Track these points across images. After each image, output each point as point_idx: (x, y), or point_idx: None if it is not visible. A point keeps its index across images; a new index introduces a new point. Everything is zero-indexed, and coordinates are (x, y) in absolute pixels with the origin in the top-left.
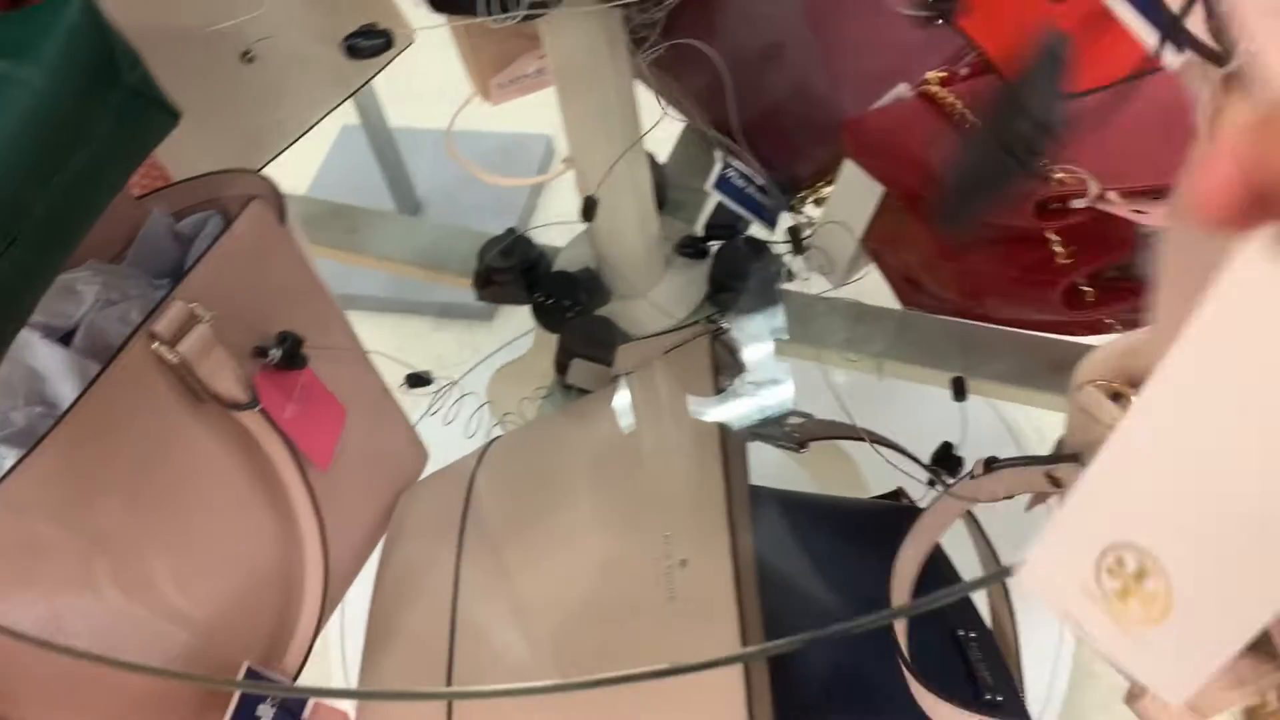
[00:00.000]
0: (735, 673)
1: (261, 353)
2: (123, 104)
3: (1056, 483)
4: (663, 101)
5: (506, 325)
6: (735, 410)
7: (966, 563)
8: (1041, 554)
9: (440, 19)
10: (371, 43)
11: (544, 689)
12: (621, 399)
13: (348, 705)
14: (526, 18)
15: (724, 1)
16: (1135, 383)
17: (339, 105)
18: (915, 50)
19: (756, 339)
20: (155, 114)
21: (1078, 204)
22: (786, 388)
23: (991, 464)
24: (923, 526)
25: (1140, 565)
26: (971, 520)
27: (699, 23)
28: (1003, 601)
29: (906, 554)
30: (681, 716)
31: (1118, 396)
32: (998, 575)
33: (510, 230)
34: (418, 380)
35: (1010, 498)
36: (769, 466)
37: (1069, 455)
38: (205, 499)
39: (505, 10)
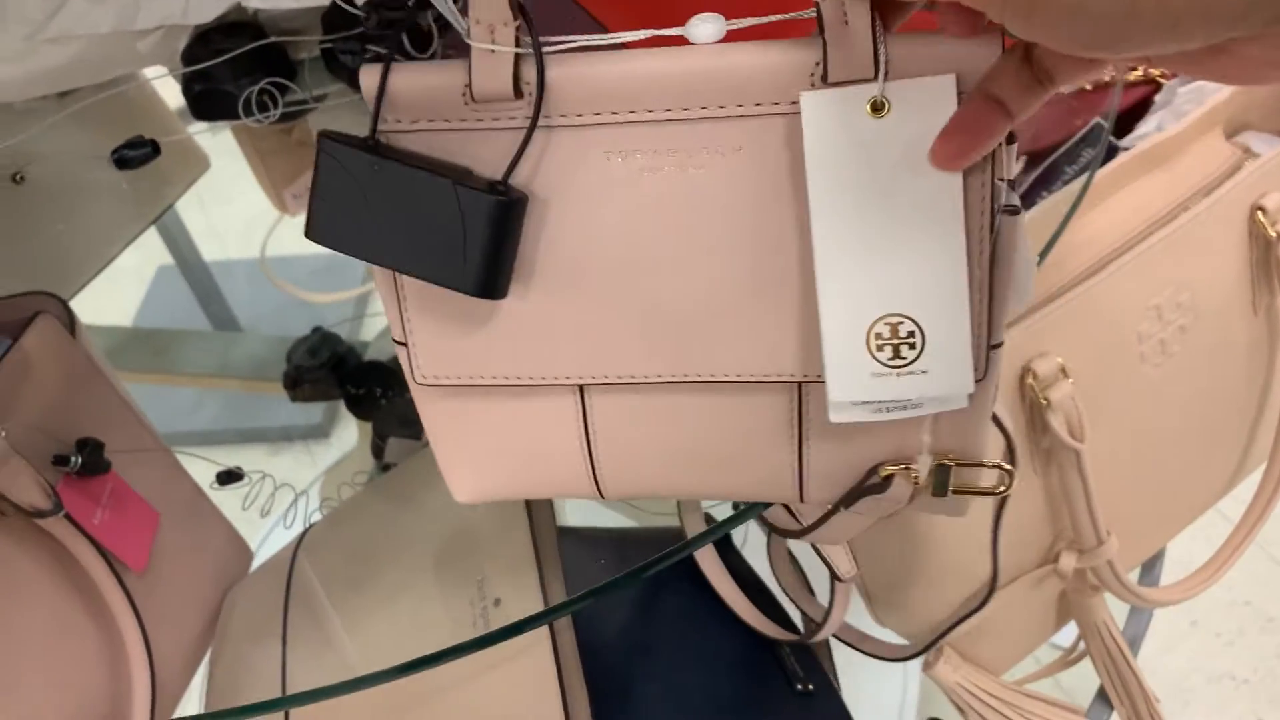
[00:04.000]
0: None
1: (63, 460)
2: None
3: None
4: None
5: (344, 439)
6: None
7: None
8: (834, 379)
9: (210, 124)
10: (138, 153)
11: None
12: (429, 463)
13: None
14: (285, 116)
15: None
16: None
17: (139, 235)
18: None
19: None
20: None
21: None
22: None
23: None
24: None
25: (890, 326)
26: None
27: None
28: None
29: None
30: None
31: None
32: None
33: (316, 329)
34: (229, 477)
35: None
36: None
37: None
38: (21, 621)
39: (264, 111)
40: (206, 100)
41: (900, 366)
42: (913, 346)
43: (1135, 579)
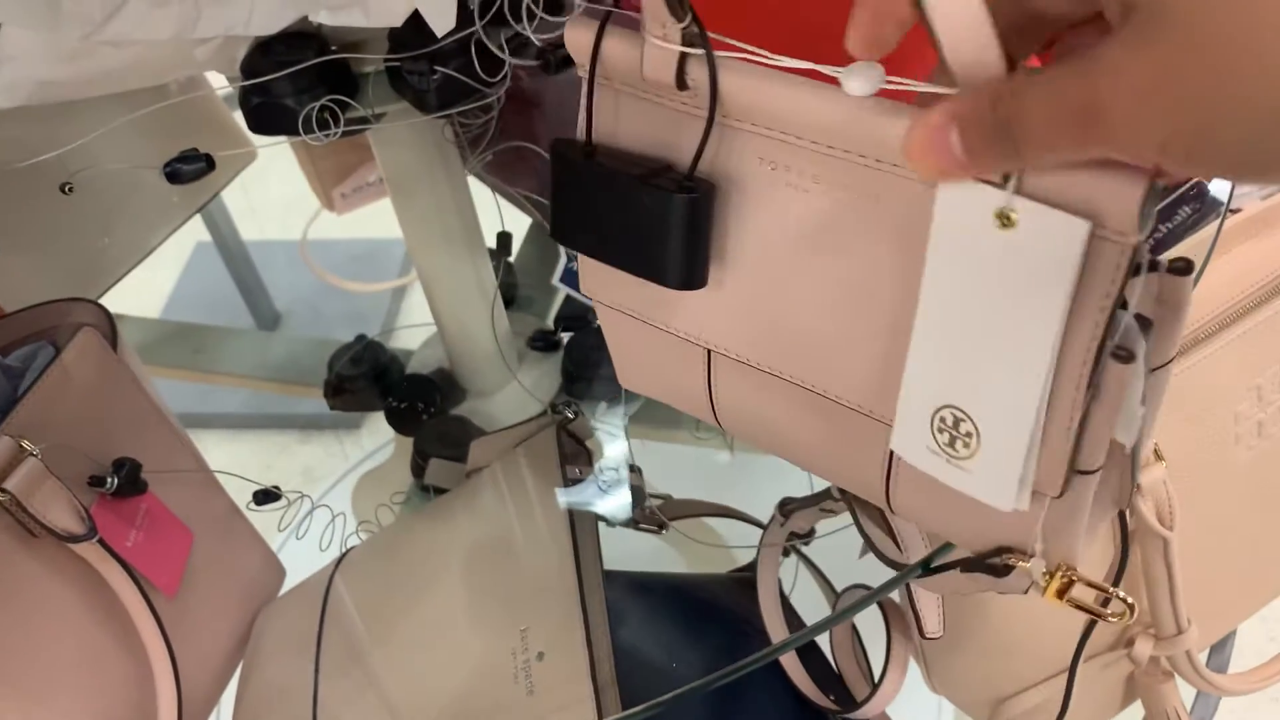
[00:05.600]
0: None
1: (98, 481)
2: None
3: (830, 511)
4: (500, 200)
5: (376, 433)
6: (585, 498)
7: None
8: (898, 434)
9: (273, 139)
10: (192, 167)
11: None
12: (473, 497)
13: None
14: (346, 134)
15: (545, 108)
16: None
17: (181, 225)
18: None
19: (610, 425)
20: None
21: None
22: (640, 471)
23: (784, 505)
24: (762, 579)
25: (954, 417)
26: (808, 563)
27: (526, 127)
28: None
29: (765, 603)
30: None
31: None
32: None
33: (360, 337)
34: (266, 497)
35: (811, 533)
36: (641, 551)
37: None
38: (47, 643)
39: (325, 129)
40: (265, 114)
41: (951, 456)
42: (966, 445)
43: (1204, 658)
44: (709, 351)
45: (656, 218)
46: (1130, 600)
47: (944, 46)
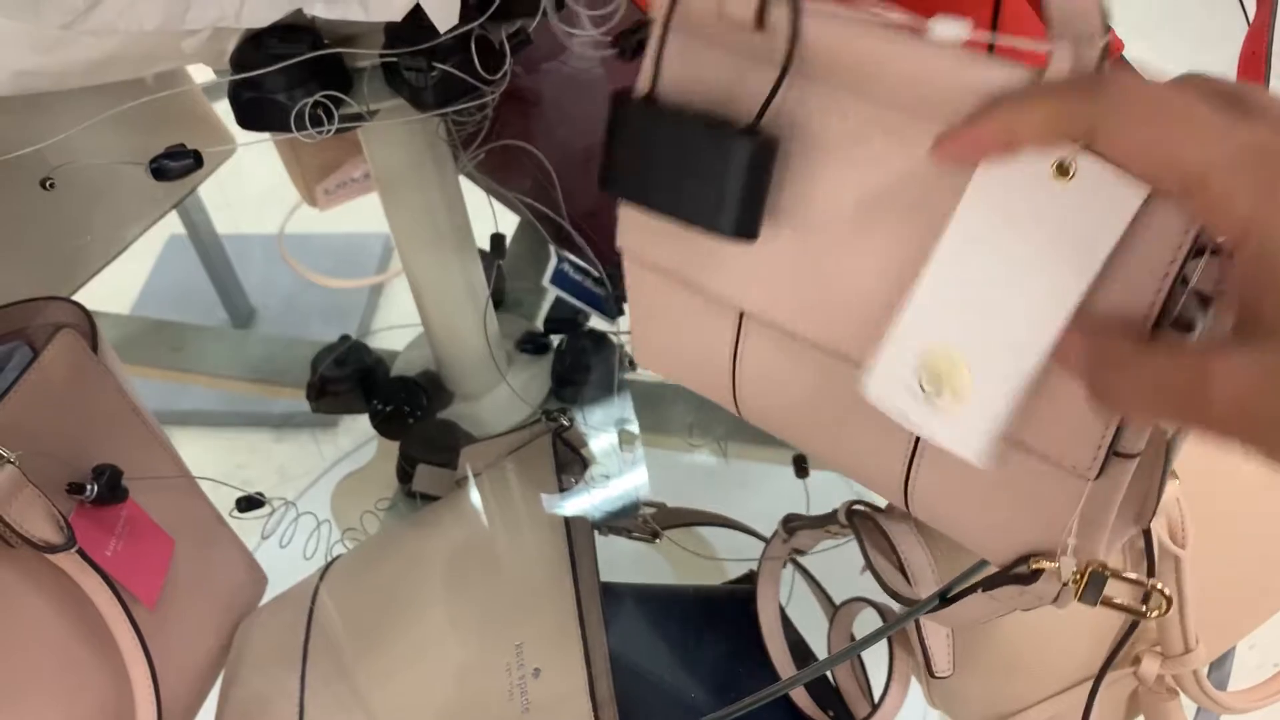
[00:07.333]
0: None
1: (78, 489)
2: None
3: (834, 534)
4: (492, 201)
5: (353, 431)
6: (580, 507)
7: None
8: (876, 374)
9: (259, 135)
10: (180, 164)
11: None
12: (465, 505)
13: None
14: (339, 131)
15: (542, 107)
16: None
17: (157, 220)
18: None
19: (601, 431)
20: None
21: None
22: (633, 479)
23: (789, 522)
24: (762, 593)
25: (949, 359)
26: (805, 574)
27: (520, 126)
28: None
29: (765, 618)
30: None
31: None
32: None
33: (344, 337)
34: (250, 503)
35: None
36: (626, 557)
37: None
38: (22, 655)
39: (318, 125)
40: (255, 109)
41: (929, 396)
42: (953, 389)
43: (1205, 672)
44: (741, 316)
45: (717, 162)
46: (1168, 591)
47: None
